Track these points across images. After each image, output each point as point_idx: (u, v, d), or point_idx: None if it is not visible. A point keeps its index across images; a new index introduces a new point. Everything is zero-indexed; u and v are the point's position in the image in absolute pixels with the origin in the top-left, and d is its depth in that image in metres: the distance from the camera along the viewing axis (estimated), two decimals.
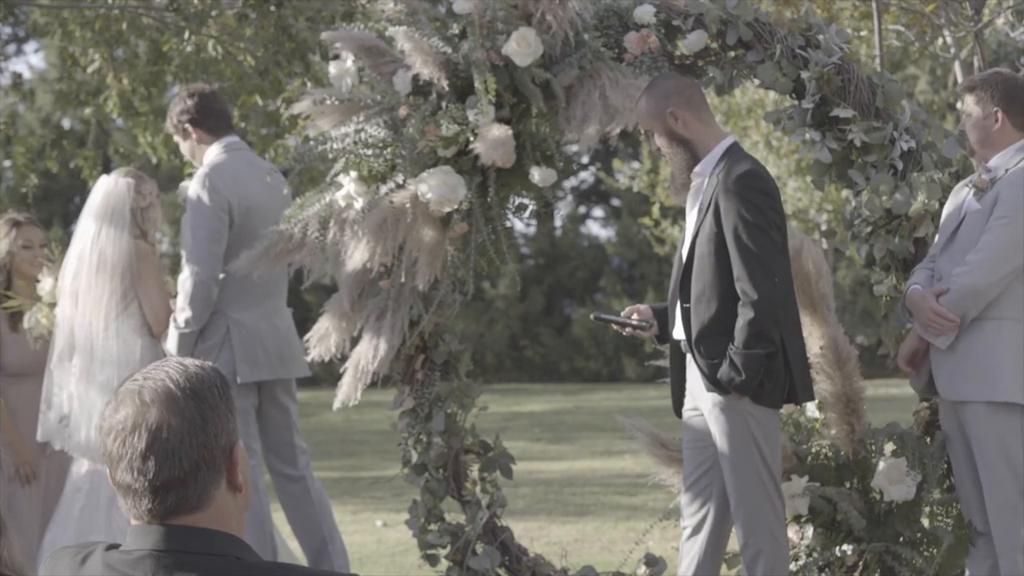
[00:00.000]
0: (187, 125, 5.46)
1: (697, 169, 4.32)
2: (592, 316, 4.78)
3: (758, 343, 4.13)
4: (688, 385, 4.41)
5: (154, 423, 2.00)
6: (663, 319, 4.54)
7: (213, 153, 5.44)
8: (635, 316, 4.59)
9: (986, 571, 4.47)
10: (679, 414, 4.49)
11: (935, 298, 4.35)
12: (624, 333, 4.63)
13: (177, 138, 5.59)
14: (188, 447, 2.01)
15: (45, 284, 5.51)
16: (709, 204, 4.23)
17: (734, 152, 4.31)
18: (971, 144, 4.52)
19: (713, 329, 4.21)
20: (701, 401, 4.32)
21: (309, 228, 4.62)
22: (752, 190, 4.18)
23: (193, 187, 5.33)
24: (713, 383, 4.20)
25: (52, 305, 5.46)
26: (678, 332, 4.38)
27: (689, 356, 4.35)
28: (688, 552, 4.40)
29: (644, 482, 5.47)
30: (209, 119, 5.45)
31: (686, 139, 4.30)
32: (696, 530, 4.39)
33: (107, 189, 5.41)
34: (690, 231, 4.33)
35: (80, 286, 5.31)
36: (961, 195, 4.52)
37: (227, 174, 5.36)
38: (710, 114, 4.39)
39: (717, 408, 4.23)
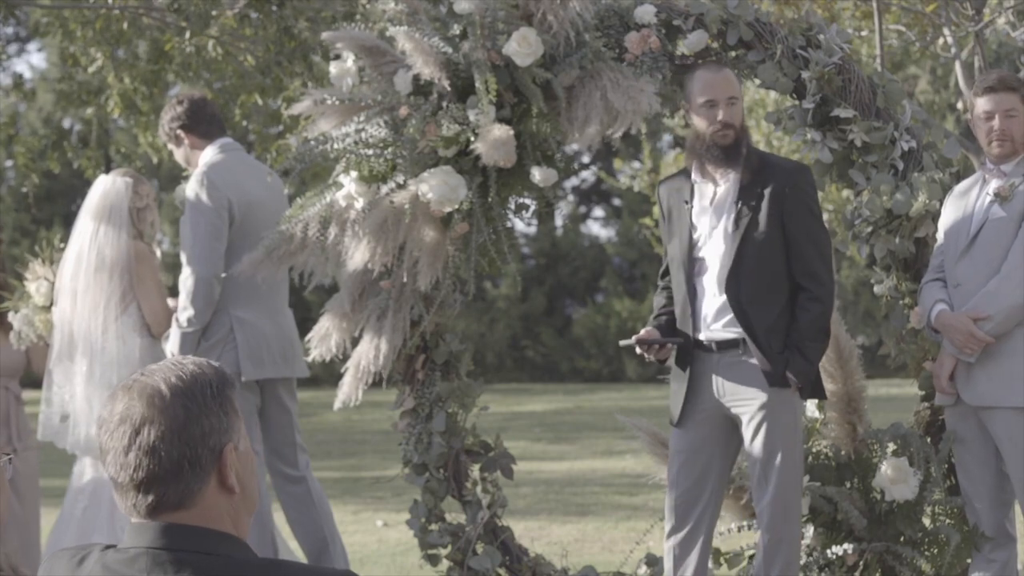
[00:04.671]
0: (179, 131, 5.48)
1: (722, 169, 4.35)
2: (621, 343, 4.62)
3: (825, 336, 4.28)
4: (715, 385, 4.35)
5: (137, 419, 2.02)
6: (666, 333, 4.50)
7: (209, 154, 5.45)
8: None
9: (994, 573, 4.46)
10: (677, 422, 4.41)
11: (973, 322, 4.32)
12: (648, 356, 4.45)
13: (171, 146, 5.61)
14: (169, 445, 2.01)
15: (34, 286, 5.51)
16: (760, 201, 4.26)
17: (758, 151, 4.40)
18: (1003, 145, 4.42)
19: (779, 325, 4.25)
20: (737, 399, 4.30)
21: (310, 228, 4.62)
22: (812, 186, 4.35)
23: (191, 186, 5.34)
24: (779, 377, 4.22)
25: (45, 308, 5.46)
26: (710, 334, 4.35)
27: (715, 356, 4.33)
28: (681, 557, 4.39)
29: (645, 482, 5.47)
30: (201, 124, 5.47)
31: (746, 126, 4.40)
32: (692, 535, 4.38)
33: (104, 188, 5.42)
34: (728, 232, 4.29)
35: (79, 285, 5.31)
36: (969, 199, 4.47)
37: (225, 172, 5.37)
38: None
39: (773, 403, 4.25)
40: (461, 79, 4.49)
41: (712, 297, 4.34)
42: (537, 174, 4.50)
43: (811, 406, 4.87)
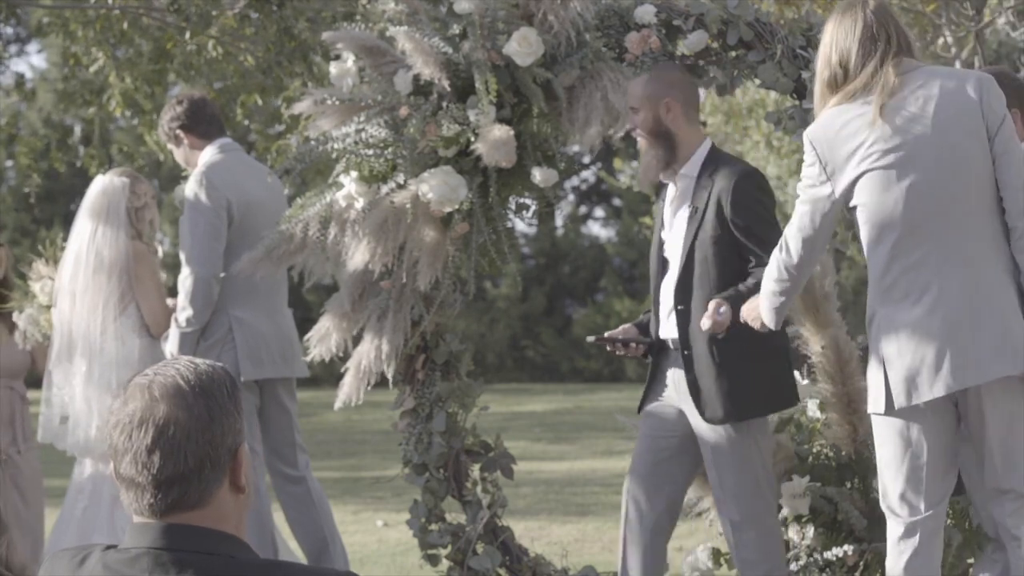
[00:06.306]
0: (178, 131, 5.48)
1: (683, 171, 4.39)
2: (588, 339, 4.77)
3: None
4: (669, 384, 4.43)
5: (162, 418, 2.01)
6: (645, 331, 4.55)
7: (208, 154, 5.45)
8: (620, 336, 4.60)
9: (998, 573, 4.45)
10: (639, 410, 4.53)
11: None
12: (618, 353, 4.59)
13: (171, 146, 5.62)
14: (194, 443, 2.02)
15: (39, 285, 5.51)
16: (707, 206, 4.27)
17: (718, 154, 4.40)
18: None
19: (729, 333, 4.20)
20: (688, 402, 4.34)
21: (310, 228, 4.62)
22: (760, 190, 4.32)
23: (190, 186, 5.34)
24: (716, 416, 4.24)
25: (50, 307, 5.46)
26: (666, 332, 4.39)
27: (673, 353, 4.38)
28: (636, 542, 4.40)
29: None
30: (200, 124, 5.47)
31: (670, 132, 4.37)
32: (648, 519, 4.39)
33: (102, 188, 5.43)
34: (681, 233, 4.35)
35: (77, 286, 5.31)
36: None
37: (224, 172, 5.37)
38: (697, 117, 4.47)
39: (722, 428, 4.26)
40: (461, 79, 4.49)
41: (668, 295, 4.39)
42: (537, 174, 4.50)
43: (812, 406, 4.87)
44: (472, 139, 4.43)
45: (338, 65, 4.71)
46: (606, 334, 4.58)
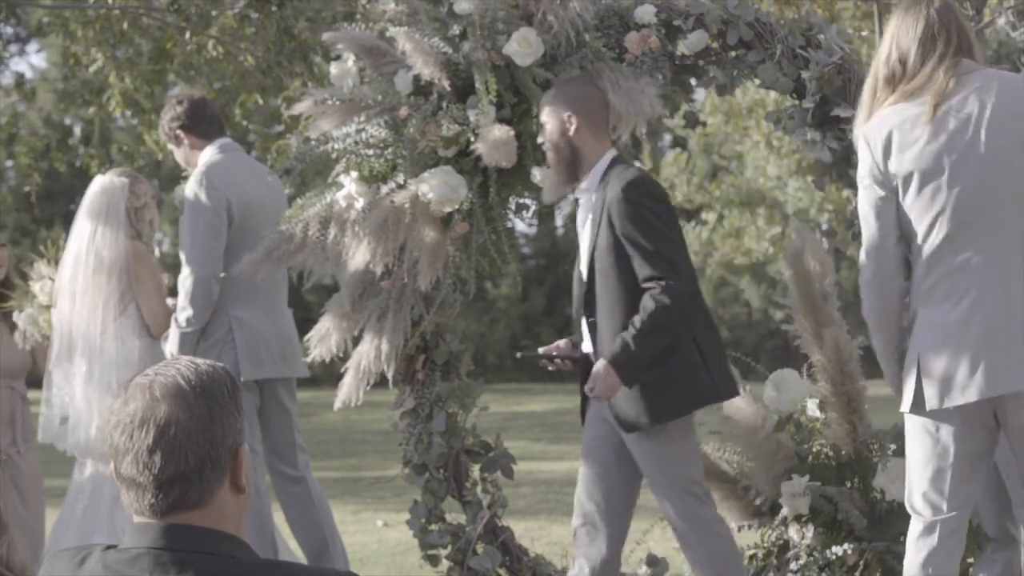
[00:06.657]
0: (179, 131, 5.48)
1: (583, 186, 4.34)
2: (517, 355, 4.77)
3: (661, 330, 4.12)
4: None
5: (163, 418, 2.01)
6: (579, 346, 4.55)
7: (208, 154, 5.45)
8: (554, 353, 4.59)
9: (997, 573, 4.46)
10: (584, 423, 4.49)
11: None
12: (550, 368, 4.59)
13: (171, 146, 5.61)
14: (195, 443, 2.02)
15: (38, 285, 5.51)
16: (601, 217, 4.24)
17: (617, 163, 4.33)
18: None
19: None
20: (611, 413, 4.31)
21: (310, 228, 4.62)
22: (644, 196, 4.20)
23: (190, 187, 5.34)
24: (627, 424, 4.21)
25: (49, 307, 5.47)
26: (586, 345, 4.37)
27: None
28: (586, 555, 4.37)
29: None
30: (200, 124, 5.47)
31: (573, 145, 4.31)
32: (597, 530, 4.36)
33: (101, 188, 5.43)
34: (586, 246, 4.32)
35: (77, 287, 5.31)
36: None
37: (224, 172, 5.37)
38: (605, 132, 4.38)
39: (641, 434, 4.23)
40: (461, 79, 4.50)
41: (582, 309, 4.37)
42: (537, 174, 4.51)
43: (812, 406, 4.87)
44: (472, 139, 4.43)
45: (338, 65, 4.71)
46: (540, 350, 4.57)
